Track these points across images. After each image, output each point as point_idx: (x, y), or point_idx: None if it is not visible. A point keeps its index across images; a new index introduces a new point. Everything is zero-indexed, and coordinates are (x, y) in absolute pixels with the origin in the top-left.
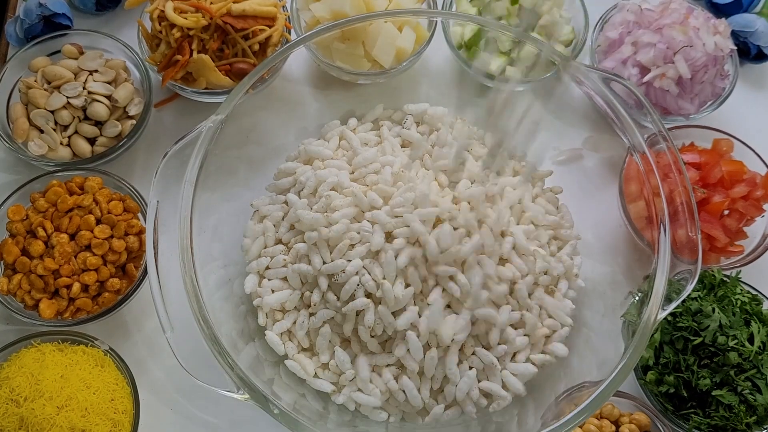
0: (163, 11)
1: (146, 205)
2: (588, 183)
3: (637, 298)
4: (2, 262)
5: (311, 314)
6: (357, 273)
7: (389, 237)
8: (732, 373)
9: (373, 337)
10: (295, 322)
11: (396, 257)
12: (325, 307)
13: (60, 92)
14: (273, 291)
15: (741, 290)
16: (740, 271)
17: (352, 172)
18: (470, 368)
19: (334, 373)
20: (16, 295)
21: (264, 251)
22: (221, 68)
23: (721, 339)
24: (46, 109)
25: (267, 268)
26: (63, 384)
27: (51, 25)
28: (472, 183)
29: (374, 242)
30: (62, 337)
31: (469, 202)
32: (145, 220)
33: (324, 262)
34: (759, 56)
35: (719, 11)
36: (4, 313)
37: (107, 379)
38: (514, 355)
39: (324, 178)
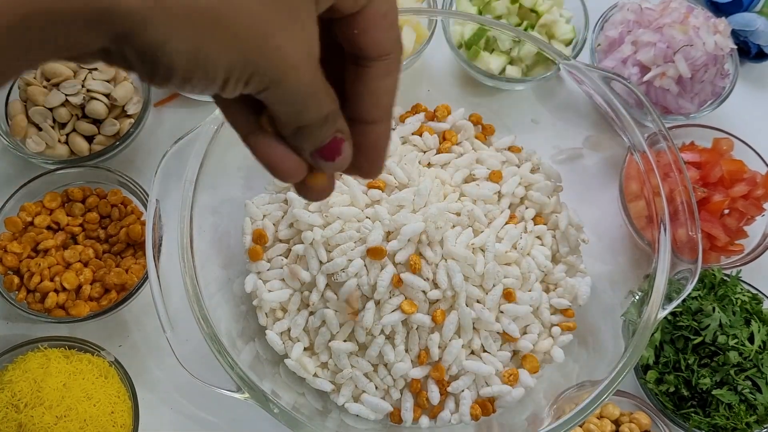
0: None
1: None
2: (588, 182)
3: (637, 297)
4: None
5: (311, 313)
6: (357, 274)
7: (388, 236)
8: (732, 372)
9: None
10: (294, 322)
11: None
12: (325, 307)
13: (59, 90)
14: (272, 291)
15: (741, 289)
16: (740, 270)
17: None
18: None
19: (333, 372)
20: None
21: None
22: None
23: (721, 338)
24: (44, 106)
25: (268, 268)
26: (65, 393)
27: None
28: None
29: (371, 239)
30: (69, 344)
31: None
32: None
33: (321, 262)
34: (759, 55)
35: (719, 10)
36: (6, 311)
37: (109, 390)
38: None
39: None
